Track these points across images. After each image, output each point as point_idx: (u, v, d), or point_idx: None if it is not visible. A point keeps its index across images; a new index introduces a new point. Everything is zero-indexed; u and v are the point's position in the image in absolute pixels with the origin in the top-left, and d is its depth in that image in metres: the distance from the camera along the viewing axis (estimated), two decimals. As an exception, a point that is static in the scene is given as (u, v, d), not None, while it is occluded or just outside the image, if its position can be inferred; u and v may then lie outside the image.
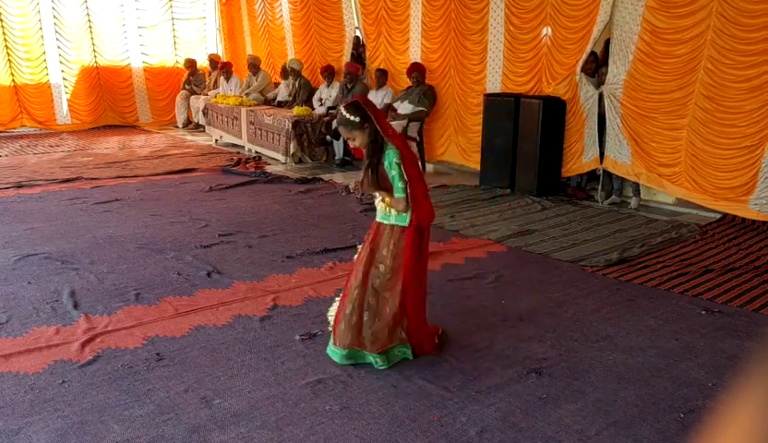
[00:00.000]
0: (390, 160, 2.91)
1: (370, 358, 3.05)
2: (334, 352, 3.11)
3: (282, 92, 10.13)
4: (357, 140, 2.98)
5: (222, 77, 11.19)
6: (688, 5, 5.50)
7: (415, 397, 2.77)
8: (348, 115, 2.94)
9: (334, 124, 8.36)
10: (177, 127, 12.10)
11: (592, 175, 6.72)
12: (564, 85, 6.56)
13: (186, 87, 11.98)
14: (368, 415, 2.62)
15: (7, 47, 10.90)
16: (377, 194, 3.10)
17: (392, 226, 3.07)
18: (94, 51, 11.75)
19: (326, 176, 7.60)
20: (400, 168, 2.89)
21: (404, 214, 3.01)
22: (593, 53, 6.43)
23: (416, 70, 7.89)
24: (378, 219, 3.14)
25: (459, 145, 7.88)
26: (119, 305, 3.73)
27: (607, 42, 6.29)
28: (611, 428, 2.56)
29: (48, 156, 9.02)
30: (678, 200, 6.09)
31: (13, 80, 11.04)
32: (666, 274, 4.35)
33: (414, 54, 8.30)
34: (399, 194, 2.94)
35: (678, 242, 5.10)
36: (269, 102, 10.26)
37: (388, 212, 3.07)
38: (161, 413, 2.63)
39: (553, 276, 4.33)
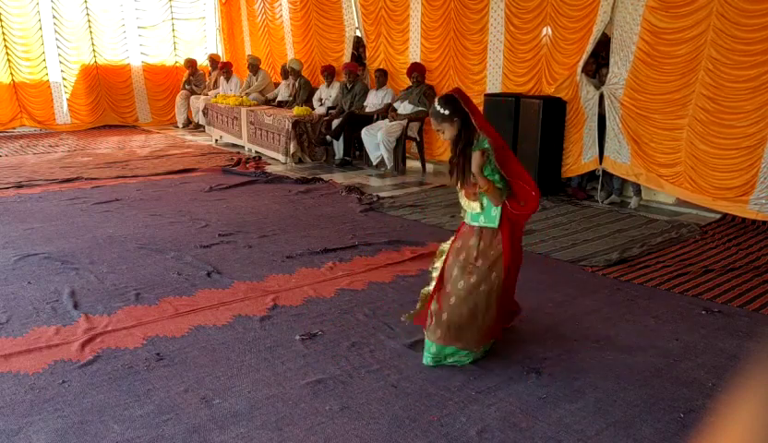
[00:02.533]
0: (482, 147, 2.86)
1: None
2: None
3: (282, 92, 10.13)
4: (446, 133, 2.95)
5: (222, 77, 11.20)
6: (688, 5, 5.50)
7: (415, 397, 2.77)
8: (439, 107, 2.92)
9: (334, 123, 8.37)
10: (177, 127, 12.11)
11: (592, 175, 6.71)
12: (565, 86, 6.56)
13: (186, 87, 11.99)
14: (368, 415, 2.62)
15: (7, 46, 10.90)
16: (462, 192, 3.06)
17: (481, 228, 3.02)
18: (94, 50, 11.75)
19: (326, 176, 7.60)
20: (492, 159, 2.83)
21: (494, 214, 2.97)
22: (594, 54, 6.43)
23: (416, 70, 7.90)
24: (469, 221, 3.08)
25: (459, 145, 7.87)
26: (119, 305, 3.73)
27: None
28: (611, 428, 2.56)
29: (48, 156, 9.02)
30: (678, 200, 6.09)
31: (12, 80, 11.04)
32: (666, 274, 4.35)
33: (414, 54, 8.30)
34: (498, 185, 2.88)
35: (678, 242, 5.10)
36: (269, 102, 10.26)
37: (477, 211, 3.02)
38: (161, 412, 2.63)
39: (553, 276, 4.33)
